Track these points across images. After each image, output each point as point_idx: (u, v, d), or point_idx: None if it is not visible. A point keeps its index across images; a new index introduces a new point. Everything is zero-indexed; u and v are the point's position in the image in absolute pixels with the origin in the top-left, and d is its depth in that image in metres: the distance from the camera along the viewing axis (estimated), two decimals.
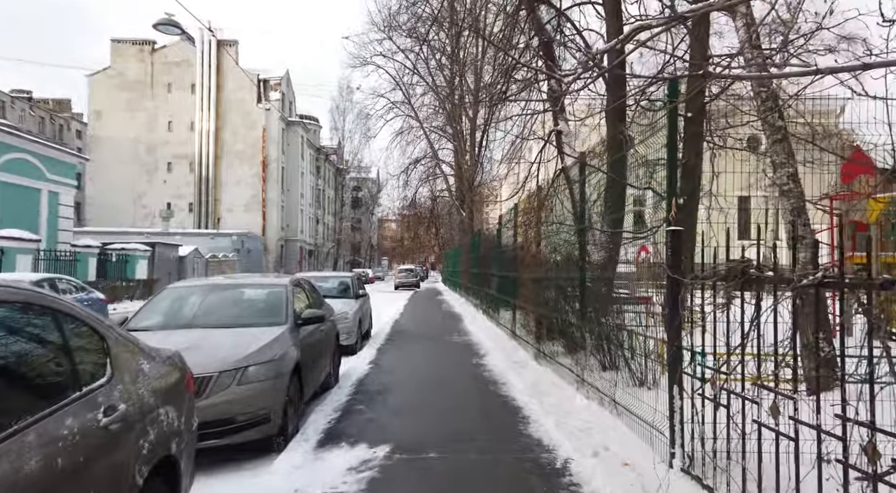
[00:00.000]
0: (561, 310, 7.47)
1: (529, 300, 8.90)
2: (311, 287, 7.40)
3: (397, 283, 39.77)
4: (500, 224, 13.63)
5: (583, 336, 6.44)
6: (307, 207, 59.21)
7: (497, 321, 12.99)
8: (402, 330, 13.70)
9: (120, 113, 48.82)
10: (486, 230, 18.70)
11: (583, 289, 6.17)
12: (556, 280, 7.49)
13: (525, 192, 13.49)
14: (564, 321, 7.27)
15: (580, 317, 6.45)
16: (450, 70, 32.80)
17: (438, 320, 16.27)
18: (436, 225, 45.64)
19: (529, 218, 9.29)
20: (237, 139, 49.75)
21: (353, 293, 11.35)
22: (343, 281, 11.70)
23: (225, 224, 48.60)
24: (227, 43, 49.78)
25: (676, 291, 3.53)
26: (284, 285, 6.17)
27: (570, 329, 7.29)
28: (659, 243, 6.00)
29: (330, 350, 7.01)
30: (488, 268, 15.55)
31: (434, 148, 35.19)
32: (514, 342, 10.06)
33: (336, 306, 10.46)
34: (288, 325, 5.51)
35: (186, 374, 3.27)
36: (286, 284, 6.21)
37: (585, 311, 6.17)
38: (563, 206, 8.29)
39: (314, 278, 11.73)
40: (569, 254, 7.15)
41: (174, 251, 27.36)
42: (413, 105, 34.03)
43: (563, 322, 7.34)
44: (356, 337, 10.49)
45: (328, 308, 7.78)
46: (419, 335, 12.63)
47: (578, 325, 6.53)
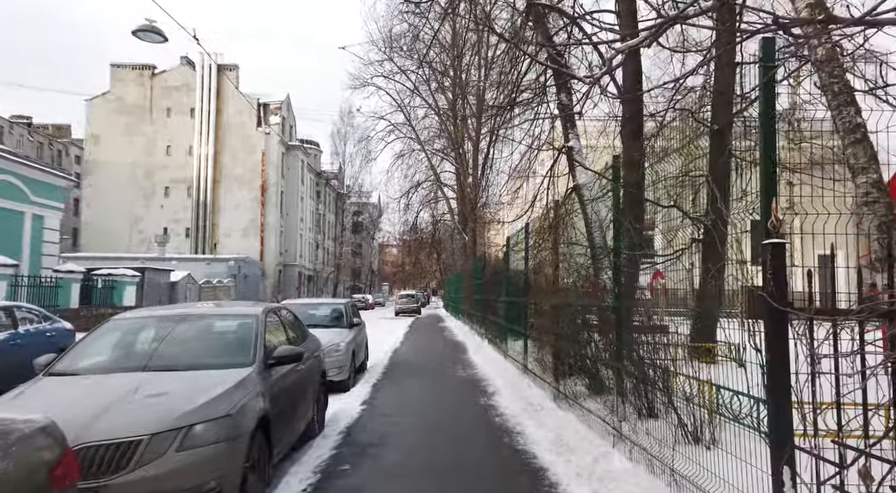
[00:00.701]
0: (586, 343, 6.37)
1: (545, 331, 7.81)
2: (291, 317, 6.33)
3: (398, 309, 38.59)
4: (508, 246, 12.59)
5: (617, 376, 5.34)
6: (307, 232, 58.34)
7: (505, 353, 11.85)
8: (401, 361, 12.55)
9: (118, 137, 48.31)
10: (490, 254, 17.66)
11: (619, 319, 5.09)
12: (581, 308, 6.41)
13: (535, 210, 12.54)
14: (593, 356, 6.17)
15: (614, 352, 5.36)
16: (451, 92, 32.21)
17: (440, 350, 15.11)
18: (437, 250, 44.65)
19: (543, 238, 8.25)
20: (236, 163, 49.13)
21: (347, 322, 10.26)
22: (336, 308, 10.61)
23: (222, 249, 47.65)
24: (228, 67, 49.57)
25: (782, 328, 2.47)
26: (255, 315, 5.09)
27: (598, 366, 6.19)
28: (673, 269, 5.02)
29: (312, 393, 5.91)
30: (494, 294, 14.47)
31: (436, 170, 34.40)
32: (526, 379, 8.92)
33: (326, 337, 9.39)
34: (255, 366, 4.43)
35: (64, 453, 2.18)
36: (257, 314, 5.13)
37: (621, 345, 5.07)
38: (576, 228, 7.30)
39: (303, 305, 10.68)
40: (593, 278, 6.09)
41: (165, 277, 26.31)
42: (414, 127, 33.35)
43: (592, 358, 6.24)
44: (349, 372, 9.37)
45: (313, 341, 6.70)
46: (420, 368, 11.49)
47: (612, 362, 5.44)
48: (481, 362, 12.18)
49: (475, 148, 31.39)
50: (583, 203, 8.79)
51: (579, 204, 8.89)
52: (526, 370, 9.23)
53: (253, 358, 4.51)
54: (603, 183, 6.75)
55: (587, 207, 8.34)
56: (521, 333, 10.19)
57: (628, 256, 5.85)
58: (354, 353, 9.91)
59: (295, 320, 6.35)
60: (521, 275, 10.54)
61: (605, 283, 5.99)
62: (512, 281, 11.75)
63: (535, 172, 20.77)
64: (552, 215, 8.19)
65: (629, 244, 5.54)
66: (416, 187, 36.58)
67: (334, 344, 9.24)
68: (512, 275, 11.88)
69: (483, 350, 14.00)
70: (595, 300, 5.97)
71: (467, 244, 30.26)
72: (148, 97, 49.09)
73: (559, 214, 7.47)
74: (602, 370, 6.26)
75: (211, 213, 48.62)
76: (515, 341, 11.24)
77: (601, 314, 5.82)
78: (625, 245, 5.54)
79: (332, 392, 8.92)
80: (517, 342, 10.91)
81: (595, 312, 6.07)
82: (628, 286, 5.96)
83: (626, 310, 5.20)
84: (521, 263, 10.73)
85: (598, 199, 7.09)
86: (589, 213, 8.38)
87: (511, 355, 11.20)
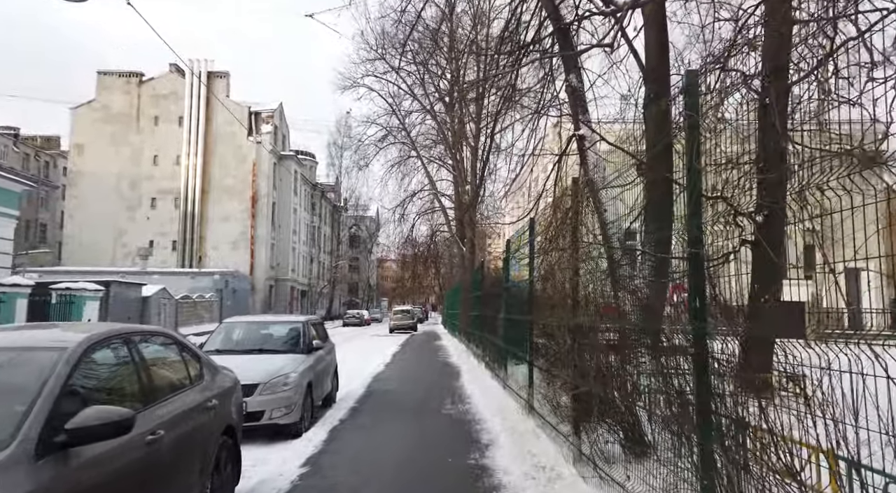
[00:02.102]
0: (627, 387, 4.23)
1: (560, 361, 5.66)
2: (176, 348, 4.15)
3: (392, 325, 36.37)
4: (508, 251, 10.46)
5: (683, 440, 3.22)
6: (300, 246, 56.27)
7: (504, 382, 9.68)
8: (380, 391, 10.36)
9: (103, 147, 46.47)
10: (489, 263, 15.55)
11: (700, 351, 2.97)
12: (628, 333, 4.29)
13: (540, 209, 10.55)
14: (646, 407, 4.03)
15: (680, 404, 3.22)
16: (449, 94, 30.32)
17: (430, 376, 12.91)
18: (435, 263, 42.49)
19: (555, 234, 6.14)
20: (226, 173, 47.22)
21: (304, 346, 8.08)
22: (292, 328, 8.43)
23: (211, 263, 45.54)
24: (218, 74, 47.90)
25: None
26: (63, 349, 2.92)
27: (639, 416, 4.06)
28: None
29: (197, 467, 3.73)
30: (492, 310, 12.34)
31: (432, 178, 32.39)
32: (531, 422, 6.75)
33: (273, 366, 7.26)
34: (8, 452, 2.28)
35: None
36: (70, 346, 2.96)
37: (707, 398, 2.93)
38: (588, 228, 5.26)
39: (249, 325, 8.55)
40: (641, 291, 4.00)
41: (135, 291, 24.15)
42: (409, 132, 31.40)
43: (637, 406, 4.11)
44: (301, 411, 7.21)
45: (218, 380, 4.55)
46: (401, 401, 9.30)
47: (678, 418, 3.30)
48: (477, 392, 9.99)
49: (474, 155, 29.44)
50: (596, 198, 6.86)
51: (592, 200, 6.99)
52: (531, 411, 7.05)
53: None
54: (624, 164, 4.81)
55: (601, 205, 6.44)
56: (524, 358, 8.04)
57: (657, 259, 4.24)
58: (312, 386, 7.75)
59: (183, 351, 4.18)
60: (523, 287, 8.42)
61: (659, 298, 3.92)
62: (512, 294, 9.63)
63: (538, 177, 18.71)
64: (565, 205, 6.11)
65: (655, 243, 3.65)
66: (411, 197, 34.56)
67: (281, 376, 7.10)
68: (512, 287, 9.76)
69: (479, 377, 11.82)
70: (651, 322, 3.86)
71: (465, 256, 28.15)
72: (135, 105, 47.36)
73: (579, 197, 5.37)
74: (646, 420, 4.16)
75: (199, 225, 46.60)
76: (516, 366, 9.09)
77: (659, 344, 3.69)
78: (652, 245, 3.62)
79: (276, 440, 6.79)
80: (519, 368, 8.75)
81: (646, 338, 3.94)
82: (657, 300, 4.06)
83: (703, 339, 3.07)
84: (524, 270, 8.61)
85: (622, 186, 5.10)
86: (603, 210, 6.54)
87: (512, 385, 9.02)
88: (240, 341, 8.16)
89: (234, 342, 8.11)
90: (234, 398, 4.74)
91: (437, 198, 32.42)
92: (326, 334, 9.82)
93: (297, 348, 8.06)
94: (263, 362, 7.43)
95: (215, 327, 9.09)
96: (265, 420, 6.84)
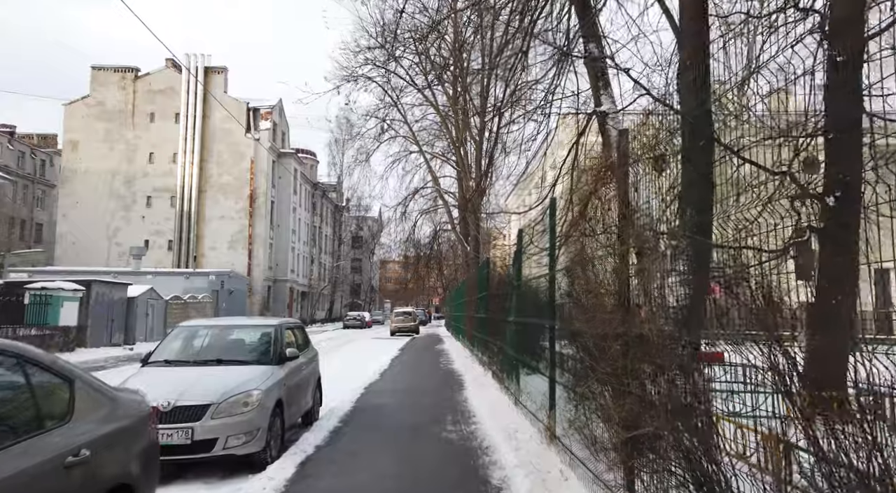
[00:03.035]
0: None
1: (604, 382, 4.18)
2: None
3: (393, 328, 34.90)
4: (520, 244, 9.01)
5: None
6: (300, 246, 54.90)
7: (515, 397, 8.22)
8: (371, 407, 8.92)
9: (97, 144, 45.24)
10: (497, 260, 14.09)
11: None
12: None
13: (560, 190, 9.17)
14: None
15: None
16: (452, 86, 28.91)
17: (431, 387, 11.46)
18: (438, 264, 41.01)
19: (589, 211, 4.69)
20: (223, 171, 45.90)
21: (275, 355, 6.63)
22: (263, 333, 6.97)
23: (207, 263, 44.22)
24: (216, 69, 46.60)
25: None
26: None
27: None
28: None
29: None
30: (500, 312, 10.90)
31: (434, 174, 30.94)
32: (554, 456, 5.29)
33: (233, 380, 5.87)
34: None
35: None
36: None
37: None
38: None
39: (208, 329, 7.11)
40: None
41: (120, 292, 22.76)
42: (411, 126, 29.97)
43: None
44: (267, 437, 5.78)
45: (102, 408, 3.11)
46: (395, 421, 7.84)
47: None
48: (483, 409, 8.53)
49: (478, 150, 28.01)
50: (621, 181, 5.51)
51: (616, 184, 5.63)
52: (553, 439, 5.59)
53: None
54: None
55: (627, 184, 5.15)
56: (542, 372, 6.58)
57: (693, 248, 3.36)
58: (283, 404, 6.31)
59: (36, 375, 2.72)
60: (539, 284, 6.97)
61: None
62: (526, 295, 8.17)
63: (546, 174, 17.30)
64: (602, 175, 4.69)
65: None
66: (413, 195, 33.10)
67: (242, 394, 5.67)
68: (525, 286, 8.31)
69: (485, 388, 10.36)
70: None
71: (469, 255, 26.71)
72: (130, 101, 46.10)
73: (627, 155, 3.93)
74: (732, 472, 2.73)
75: (195, 224, 45.27)
76: (529, 377, 7.64)
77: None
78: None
79: (233, 474, 5.37)
80: (533, 381, 7.30)
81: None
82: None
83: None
84: (538, 264, 7.20)
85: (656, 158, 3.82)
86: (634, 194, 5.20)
87: (525, 402, 7.56)
88: (196, 349, 6.72)
89: (189, 351, 6.67)
90: (140, 439, 3.29)
91: (441, 195, 30.97)
92: (308, 340, 8.38)
93: (265, 357, 6.61)
94: (221, 376, 6.00)
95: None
96: (219, 451, 5.41)
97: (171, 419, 5.32)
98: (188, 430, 5.32)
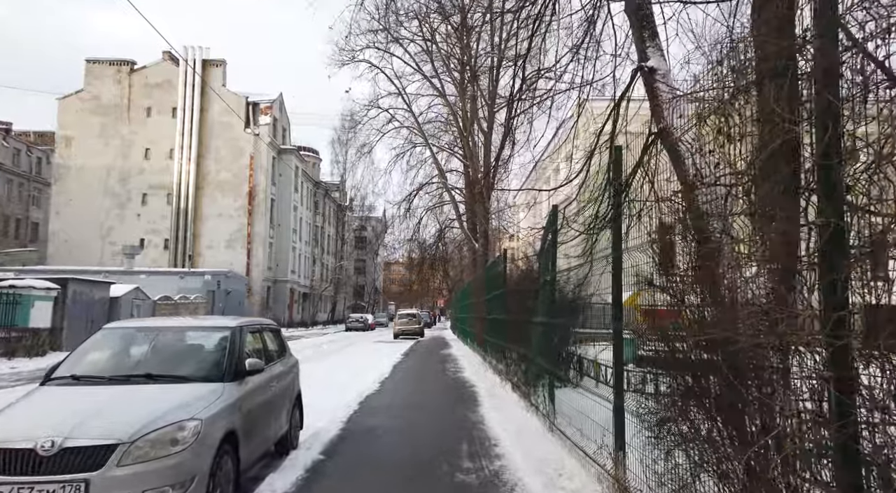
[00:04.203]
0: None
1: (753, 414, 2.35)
2: None
3: (397, 331, 33.07)
4: (551, 226, 7.19)
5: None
6: (302, 245, 53.20)
7: (550, 421, 6.40)
8: (366, 431, 7.11)
9: (92, 139, 43.69)
10: (515, 252, 12.29)
11: None
12: None
13: (594, 168, 7.40)
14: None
15: None
16: (460, 72, 27.14)
17: (439, 403, 9.65)
18: (444, 265, 39.18)
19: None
20: (221, 167, 44.26)
21: (228, 369, 4.81)
22: (216, 338, 5.16)
23: (204, 262, 42.56)
24: (214, 62, 45.03)
25: None
26: None
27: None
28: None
29: None
30: (522, 312, 9.11)
31: (440, 166, 29.16)
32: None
33: (160, 405, 4.06)
34: None
35: None
36: None
37: None
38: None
39: (141, 332, 5.32)
40: None
41: (102, 291, 21.03)
42: (415, 115, 28.20)
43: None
44: (208, 488, 3.98)
45: None
46: (392, 454, 6.03)
47: None
48: (507, 435, 6.69)
49: (487, 142, 26.21)
50: (676, 153, 4.10)
51: (670, 157, 4.26)
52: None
53: None
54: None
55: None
56: (594, 392, 4.78)
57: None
58: (238, 437, 4.50)
59: None
60: (593, 274, 5.18)
61: None
62: (564, 290, 6.38)
63: (559, 166, 15.43)
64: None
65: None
66: (418, 191, 31.27)
67: (170, 427, 3.87)
68: (562, 278, 6.52)
69: (505, 404, 8.53)
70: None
71: (478, 252, 24.91)
72: (126, 95, 44.54)
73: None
74: None
75: (192, 222, 43.64)
76: (565, 392, 5.84)
77: None
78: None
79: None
80: (572, 398, 5.51)
81: None
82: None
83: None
84: (571, 255, 5.46)
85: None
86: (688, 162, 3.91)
87: (563, 427, 5.75)
88: (121, 360, 4.93)
89: (111, 363, 4.87)
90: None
91: (447, 189, 29.14)
92: (284, 347, 6.57)
93: (215, 371, 4.80)
94: (144, 399, 4.22)
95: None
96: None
97: (56, 468, 3.54)
98: (79, 486, 3.53)
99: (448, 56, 27.37)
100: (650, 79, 7.45)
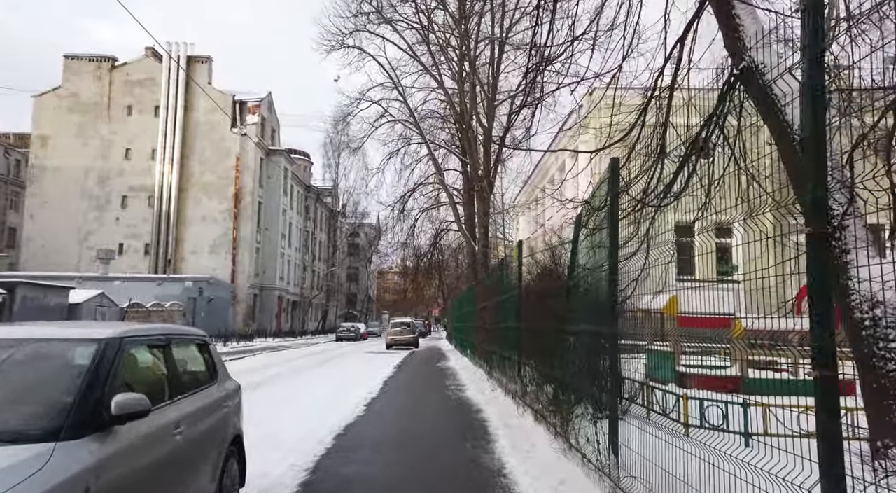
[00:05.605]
0: None
1: None
2: None
3: (389, 341, 30.87)
4: (588, 211, 5.10)
5: None
6: (291, 252, 50.97)
7: (608, 474, 4.31)
8: (334, 488, 5.01)
9: (69, 139, 41.54)
10: (531, 250, 10.25)
11: None
12: None
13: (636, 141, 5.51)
14: None
15: None
16: (458, 62, 25.23)
17: (440, 436, 7.53)
18: (439, 271, 37.08)
19: None
20: (206, 169, 42.16)
21: (78, 414, 2.66)
22: (68, 362, 3.02)
23: (187, 268, 40.31)
24: (199, 59, 43.05)
25: None
26: None
27: None
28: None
29: None
30: (545, 320, 7.05)
31: (438, 164, 27.15)
32: None
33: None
34: None
35: None
36: None
37: None
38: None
39: None
40: None
41: (59, 297, 18.82)
42: (410, 107, 26.24)
43: None
44: None
45: None
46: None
47: None
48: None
49: (487, 136, 24.27)
50: (772, 104, 3.39)
51: (758, 110, 3.54)
52: None
53: None
54: None
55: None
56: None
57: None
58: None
59: None
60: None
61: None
62: (607, 289, 4.32)
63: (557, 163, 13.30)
64: None
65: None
66: (413, 191, 29.26)
67: None
68: (603, 275, 4.44)
69: (532, 445, 6.40)
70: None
71: (477, 255, 22.87)
72: (106, 93, 42.46)
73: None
74: None
75: (175, 226, 41.45)
76: (625, 425, 3.78)
77: None
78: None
79: None
80: (665, 450, 3.45)
81: None
82: None
83: None
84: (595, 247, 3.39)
85: None
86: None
87: (633, 488, 3.68)
88: None
89: None
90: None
91: (445, 187, 27.12)
92: (215, 368, 4.44)
93: (42, 423, 2.65)
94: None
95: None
96: None
97: None
98: None
99: (445, 46, 25.55)
100: (724, 3, 5.64)
